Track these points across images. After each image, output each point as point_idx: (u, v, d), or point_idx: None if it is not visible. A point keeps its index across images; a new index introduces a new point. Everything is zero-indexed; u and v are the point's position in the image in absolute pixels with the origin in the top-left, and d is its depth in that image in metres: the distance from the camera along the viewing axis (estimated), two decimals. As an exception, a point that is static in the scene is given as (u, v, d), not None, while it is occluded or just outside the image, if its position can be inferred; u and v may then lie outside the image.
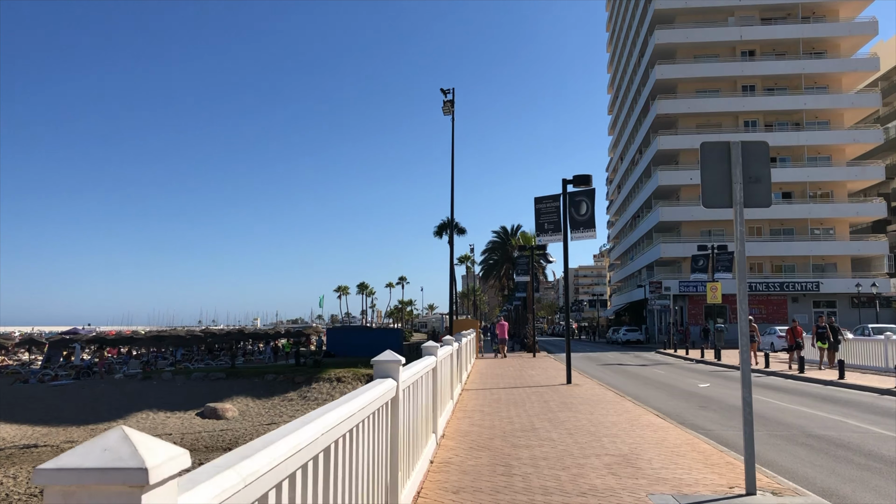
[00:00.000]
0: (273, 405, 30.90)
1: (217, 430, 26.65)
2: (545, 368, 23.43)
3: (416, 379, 6.35)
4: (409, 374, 5.92)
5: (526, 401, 13.29)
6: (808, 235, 56.90)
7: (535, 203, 18.07)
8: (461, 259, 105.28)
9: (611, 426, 10.07)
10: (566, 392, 15.02)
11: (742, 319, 6.58)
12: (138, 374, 35.13)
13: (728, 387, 18.32)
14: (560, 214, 17.69)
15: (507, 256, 64.21)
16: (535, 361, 28.56)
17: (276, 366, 38.44)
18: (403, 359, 5.11)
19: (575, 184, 17.35)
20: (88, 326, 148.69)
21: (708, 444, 8.68)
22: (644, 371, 25.17)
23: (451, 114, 32.52)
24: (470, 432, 9.48)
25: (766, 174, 6.67)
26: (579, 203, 16.87)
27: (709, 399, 15.29)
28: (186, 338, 61.01)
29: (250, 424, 27.83)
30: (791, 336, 23.24)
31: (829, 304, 56.54)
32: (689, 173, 57.88)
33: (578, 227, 16.80)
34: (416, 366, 6.80)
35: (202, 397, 31.45)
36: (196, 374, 34.47)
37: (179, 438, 25.16)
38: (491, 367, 24.32)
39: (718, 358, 29.45)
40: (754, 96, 58.51)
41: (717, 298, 31.72)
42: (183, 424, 28.07)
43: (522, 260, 33.61)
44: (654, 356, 36.53)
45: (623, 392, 16.02)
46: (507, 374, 20.91)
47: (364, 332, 63.43)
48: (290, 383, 32.97)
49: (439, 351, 8.57)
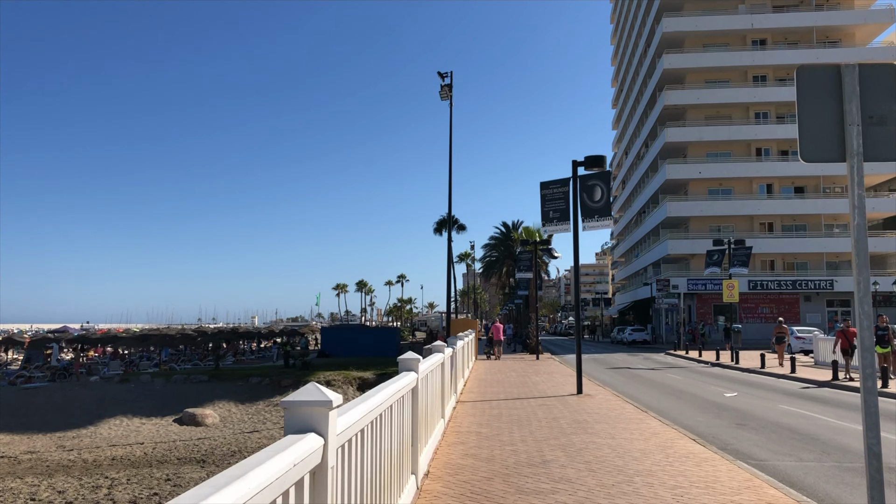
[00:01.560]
0: (257, 411, 28.80)
1: (194, 439, 24.56)
2: (551, 374, 21.31)
3: (377, 413, 4.27)
4: (367, 407, 3.85)
5: (532, 418, 11.17)
6: (822, 231, 54.74)
7: (541, 189, 15.94)
8: (461, 256, 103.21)
9: (640, 457, 7.95)
10: (578, 405, 12.91)
11: (863, 322, 4.42)
12: (116, 376, 33.01)
13: (759, 396, 16.20)
14: (568, 201, 15.56)
15: (509, 253, 62.07)
16: (539, 365, 26.44)
17: (261, 368, 36.36)
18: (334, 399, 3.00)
19: (587, 166, 15.21)
20: (87, 324, 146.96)
21: (775, 489, 6.56)
22: (658, 376, 23.05)
23: (449, 98, 30.40)
24: (462, 468, 7.36)
25: (894, 112, 4.52)
26: (592, 188, 14.74)
27: (743, 414, 13.15)
28: (176, 336, 59.00)
29: (230, 433, 25.73)
30: (844, 338, 19.64)
31: (844, 303, 54.43)
32: (698, 166, 55.78)
33: (592, 214, 14.66)
34: (387, 389, 4.75)
35: (182, 402, 29.36)
36: (177, 376, 32.37)
37: (151, 448, 23.08)
38: (491, 372, 22.20)
39: (736, 361, 27.31)
40: (766, 86, 56.30)
41: (733, 297, 29.59)
42: (158, 432, 25.98)
43: (525, 255, 31.47)
44: (664, 358, 34.41)
45: (642, 404, 13.91)
46: (510, 380, 18.80)
47: (360, 332, 61.30)
48: (276, 387, 30.88)
49: (422, 364, 6.48)
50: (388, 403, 4.70)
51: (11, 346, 46.08)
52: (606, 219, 14.53)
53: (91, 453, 22.08)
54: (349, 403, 3.69)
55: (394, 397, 4.98)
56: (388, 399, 4.64)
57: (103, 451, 22.52)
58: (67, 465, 20.62)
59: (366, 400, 3.95)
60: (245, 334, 66.67)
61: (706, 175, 55.62)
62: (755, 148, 56.53)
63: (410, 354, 6.35)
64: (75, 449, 22.81)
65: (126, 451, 22.38)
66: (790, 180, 55.87)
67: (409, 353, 6.43)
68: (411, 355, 6.31)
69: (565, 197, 15.55)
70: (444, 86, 30.52)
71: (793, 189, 56.13)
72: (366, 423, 3.84)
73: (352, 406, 3.60)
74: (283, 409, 2.96)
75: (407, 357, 6.22)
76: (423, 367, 6.50)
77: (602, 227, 14.57)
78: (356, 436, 3.58)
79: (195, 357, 49.42)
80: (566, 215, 15.67)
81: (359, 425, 3.60)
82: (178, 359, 47.91)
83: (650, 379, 21.85)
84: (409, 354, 6.33)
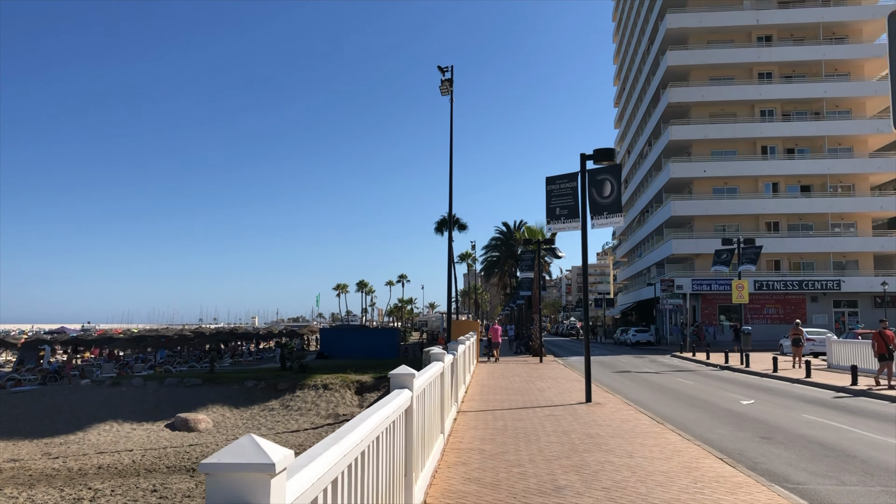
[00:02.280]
0: (252, 415, 27.91)
1: (185, 446, 23.65)
2: (556, 378, 20.40)
3: (357, 453, 3.39)
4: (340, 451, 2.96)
5: (539, 431, 10.27)
6: (829, 231, 53.78)
7: (547, 184, 15.01)
8: (462, 256, 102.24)
9: (665, 482, 7.05)
10: (588, 416, 12.01)
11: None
12: (108, 380, 32.13)
13: (778, 404, 15.28)
14: (577, 197, 14.63)
15: (510, 253, 61.18)
16: (543, 368, 25.53)
17: (257, 370, 35.43)
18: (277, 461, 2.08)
19: (596, 159, 14.30)
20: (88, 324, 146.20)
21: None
22: (667, 381, 22.14)
23: (450, 93, 29.50)
24: (465, 496, 6.46)
25: None
26: (602, 183, 13.82)
27: (767, 426, 12.22)
28: (174, 338, 58.14)
29: (224, 438, 24.83)
30: (881, 342, 18.16)
31: (851, 303, 53.48)
32: (703, 165, 54.86)
33: (601, 211, 13.74)
34: (372, 418, 3.88)
35: (175, 406, 28.48)
36: (170, 379, 31.47)
37: (141, 455, 22.18)
38: (493, 377, 21.30)
39: (747, 364, 26.39)
40: (771, 83, 55.34)
41: (743, 297, 28.66)
42: (149, 438, 25.09)
43: (528, 255, 30.53)
44: (671, 361, 33.50)
45: (655, 413, 13.02)
46: (513, 386, 17.89)
47: (359, 333, 60.44)
48: (272, 390, 29.98)
49: (418, 380, 5.59)
50: (373, 436, 3.82)
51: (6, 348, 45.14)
52: (616, 215, 13.61)
53: (77, 461, 21.20)
54: (313, 450, 2.79)
55: (382, 426, 4.09)
56: (372, 432, 3.75)
57: (90, 458, 21.64)
58: (51, 474, 19.73)
59: (340, 440, 3.05)
60: (243, 335, 65.73)
61: (711, 174, 54.70)
62: (760, 146, 55.61)
63: (403, 369, 5.46)
64: (61, 456, 21.92)
65: (114, 459, 21.50)
66: (796, 179, 54.96)
67: (401, 367, 5.53)
68: (404, 370, 5.43)
69: (573, 193, 14.60)
70: (445, 80, 29.63)
71: (799, 188, 55.21)
72: (339, 470, 2.95)
73: (315, 455, 2.69)
74: (204, 475, 2.05)
75: (399, 372, 5.34)
76: (418, 384, 5.61)
77: (612, 223, 13.64)
78: (322, 494, 2.68)
79: (192, 359, 48.55)
80: (575, 212, 14.74)
81: (327, 479, 2.71)
82: (175, 360, 47.03)
83: (659, 384, 20.94)
84: (402, 369, 5.44)
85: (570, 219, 14.76)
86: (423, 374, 6.25)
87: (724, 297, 54.30)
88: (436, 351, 8.82)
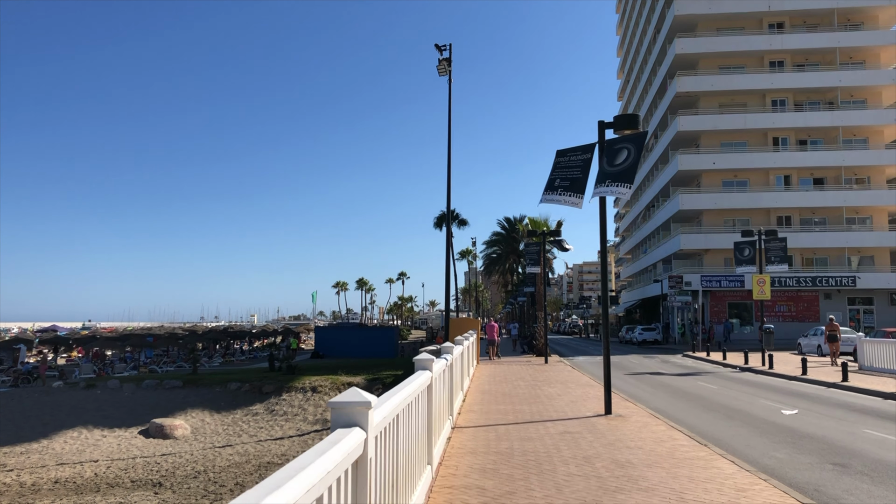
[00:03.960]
0: (234, 421, 25.81)
1: (157, 456, 21.57)
2: (565, 383, 18.29)
3: None
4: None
5: (555, 457, 8.17)
6: (843, 225, 51.59)
7: (557, 156, 12.81)
8: (462, 253, 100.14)
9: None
10: (611, 433, 9.90)
11: None
12: (82, 382, 30.04)
13: (829, 415, 13.16)
14: (587, 170, 12.30)
15: (512, 248, 59.15)
16: (550, 371, 23.42)
17: (244, 371, 33.32)
18: None
19: (616, 127, 12.16)
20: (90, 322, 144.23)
21: None
22: (688, 385, 20.04)
23: (448, 74, 27.39)
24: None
25: None
26: (617, 151, 11.61)
27: (830, 446, 10.04)
28: (165, 336, 56.03)
29: (200, 447, 22.75)
30: None
31: (866, 300, 51.33)
32: (712, 157, 52.70)
33: (604, 179, 11.43)
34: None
35: (152, 410, 26.44)
36: (148, 381, 29.39)
37: (105, 467, 20.09)
38: (495, 381, 19.20)
39: (770, 366, 24.28)
40: (783, 72, 53.14)
41: (764, 293, 26.51)
42: (119, 446, 23.00)
43: (532, 248, 28.37)
44: (683, 361, 31.40)
45: (689, 428, 10.95)
46: (518, 392, 15.78)
47: (356, 331, 58.34)
48: (257, 393, 27.92)
49: (377, 412, 3.55)
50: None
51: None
52: (622, 185, 11.24)
53: (33, 474, 19.10)
54: None
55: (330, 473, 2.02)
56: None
57: (49, 471, 19.55)
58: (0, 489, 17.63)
59: None
60: (237, 333, 63.57)
61: (720, 166, 52.54)
62: (772, 137, 53.44)
63: (354, 396, 3.33)
64: (17, 468, 19.82)
65: (74, 472, 19.41)
66: (809, 171, 52.80)
67: (351, 392, 3.39)
68: (356, 397, 3.30)
69: (583, 166, 12.35)
70: (443, 60, 27.54)
71: (812, 180, 53.05)
72: None
73: None
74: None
75: (346, 401, 3.25)
76: (377, 419, 3.51)
77: (613, 194, 11.27)
78: None
79: (180, 358, 46.46)
80: (578, 186, 12.34)
81: None
82: (162, 360, 44.95)
83: (681, 389, 18.83)
84: (352, 396, 3.33)
85: (569, 192, 12.41)
86: (391, 399, 4.13)
87: (735, 294, 52.23)
88: (422, 357, 6.71)
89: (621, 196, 11.34)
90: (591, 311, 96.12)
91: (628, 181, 11.27)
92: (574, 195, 12.25)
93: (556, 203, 12.39)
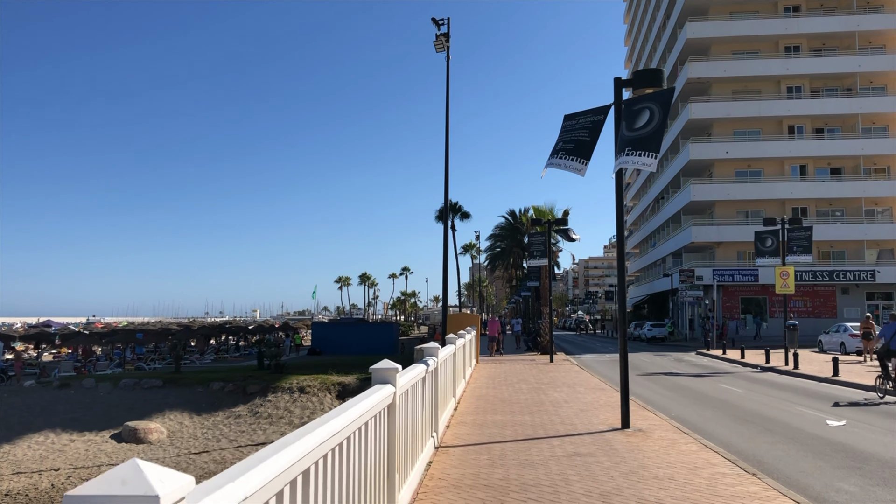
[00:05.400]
0: (214, 424, 23.94)
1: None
2: (573, 386, 16.33)
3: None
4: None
5: (563, 495, 6.23)
6: (862, 217, 49.42)
7: (565, 121, 10.87)
8: (465, 248, 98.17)
9: None
10: (633, 457, 7.95)
11: None
12: (56, 381, 28.24)
13: (885, 428, 11.17)
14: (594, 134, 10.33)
15: (516, 242, 57.16)
16: (556, 371, 21.46)
17: (229, 370, 31.49)
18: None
19: (636, 86, 10.21)
20: (93, 317, 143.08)
21: None
22: (709, 388, 18.06)
23: (446, 49, 25.39)
24: None
25: None
26: (638, 113, 9.63)
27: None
28: (158, 332, 54.35)
29: (174, 453, 20.92)
30: None
31: (886, 295, 49.23)
32: (725, 146, 50.56)
33: (624, 147, 9.44)
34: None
35: (128, 411, 24.59)
36: (126, 380, 27.56)
37: (66, 477, 18.30)
38: (494, 384, 17.26)
39: (795, 365, 22.26)
40: (799, 58, 50.91)
41: (788, 287, 24.48)
42: (87, 452, 21.18)
43: (537, 238, 26.33)
44: (698, 360, 29.41)
45: (726, 446, 9.00)
46: (519, 398, 13.83)
47: (354, 327, 56.40)
48: (241, 394, 26.01)
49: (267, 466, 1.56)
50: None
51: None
52: (645, 154, 9.25)
53: (-18, 486, 17.27)
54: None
55: None
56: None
57: (2, 481, 17.75)
58: (-58, 505, 15.80)
59: None
60: (232, 329, 61.78)
61: (733, 155, 50.40)
62: (787, 125, 51.25)
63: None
64: (-34, 479, 17.99)
65: (29, 483, 17.61)
66: (826, 161, 50.61)
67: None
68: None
69: (593, 128, 10.26)
70: (440, 35, 25.54)
71: (829, 170, 50.87)
72: None
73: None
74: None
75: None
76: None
77: (636, 165, 9.28)
78: None
79: (170, 355, 44.69)
80: (582, 150, 10.19)
81: None
82: (150, 357, 43.21)
83: (702, 393, 16.84)
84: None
85: (572, 156, 10.35)
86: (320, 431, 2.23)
87: (747, 288, 50.23)
88: (380, 366, 4.75)
89: (645, 167, 9.35)
90: (598, 307, 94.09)
91: (653, 149, 9.28)
92: (577, 160, 10.24)
93: (557, 168, 10.39)
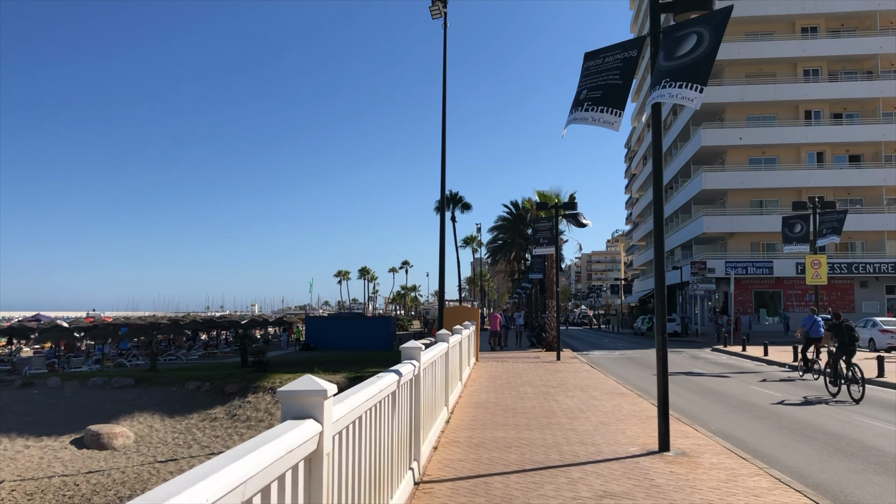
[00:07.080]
0: (187, 427, 21.78)
1: (82, 473, 17.59)
2: (587, 389, 14.07)
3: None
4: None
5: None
6: (882, 207, 47.05)
7: (585, 60, 8.57)
8: (466, 241, 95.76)
9: None
10: (684, 497, 5.68)
11: None
12: (18, 380, 26.05)
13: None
14: (627, 75, 8.10)
15: (518, 233, 54.86)
16: (564, 370, 19.20)
17: (207, 367, 29.31)
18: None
19: (678, 9, 7.94)
20: (94, 311, 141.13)
21: None
22: (742, 391, 15.81)
23: (443, 16, 23.07)
24: None
25: None
26: (681, 40, 7.38)
27: None
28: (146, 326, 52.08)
29: (139, 461, 18.76)
30: None
31: (907, 289, 46.87)
32: (738, 132, 48.19)
33: (661, 78, 7.15)
34: None
35: (94, 414, 22.46)
36: (95, 379, 25.36)
37: (9, 491, 16.14)
38: (495, 387, 15.01)
39: (831, 364, 19.94)
40: (817, 39, 48.46)
41: (820, 278, 22.24)
42: (41, 460, 19.02)
43: (543, 225, 23.94)
44: (717, 357, 27.16)
45: (794, 473, 6.76)
46: (525, 406, 11.56)
47: (349, 322, 54.31)
48: (218, 394, 23.82)
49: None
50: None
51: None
52: (688, 86, 6.89)
53: None
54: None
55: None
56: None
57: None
58: None
59: None
60: (223, 324, 59.56)
61: (747, 142, 48.04)
62: (804, 110, 48.84)
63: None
64: None
65: (-38, 499, 15.46)
66: (844, 147, 48.24)
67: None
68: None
69: (626, 66, 7.95)
70: (437, 1, 23.17)
71: (847, 158, 48.50)
72: None
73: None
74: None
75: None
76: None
77: (676, 99, 6.95)
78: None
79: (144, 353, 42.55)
80: (615, 97, 7.76)
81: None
82: (131, 353, 41.06)
83: (737, 398, 14.57)
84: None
85: (601, 106, 8.01)
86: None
87: (761, 281, 47.93)
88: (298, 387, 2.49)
89: (686, 102, 7.04)
90: (602, 302, 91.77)
91: (699, 80, 7.00)
92: (608, 110, 7.90)
93: (582, 124, 8.04)
